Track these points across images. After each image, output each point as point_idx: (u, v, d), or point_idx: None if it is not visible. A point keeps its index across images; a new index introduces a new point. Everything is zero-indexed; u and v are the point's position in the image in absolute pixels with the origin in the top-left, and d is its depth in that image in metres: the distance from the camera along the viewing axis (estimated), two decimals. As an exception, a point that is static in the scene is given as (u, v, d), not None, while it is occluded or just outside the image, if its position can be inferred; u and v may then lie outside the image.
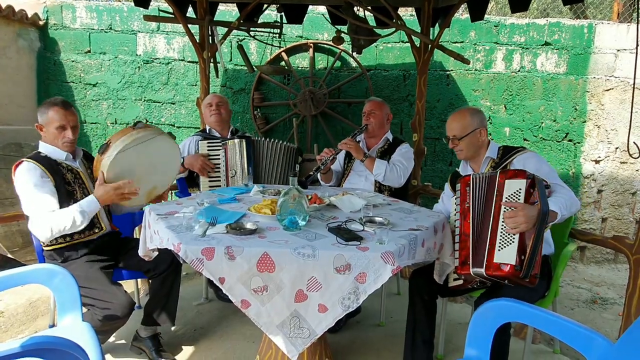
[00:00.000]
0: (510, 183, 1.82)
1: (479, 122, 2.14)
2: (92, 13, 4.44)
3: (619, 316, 3.08)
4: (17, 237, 3.44)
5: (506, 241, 1.76)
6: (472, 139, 2.13)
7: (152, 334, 2.32)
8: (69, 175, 2.14)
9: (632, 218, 4.64)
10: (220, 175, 2.90)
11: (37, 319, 2.82)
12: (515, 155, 2.08)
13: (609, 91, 4.48)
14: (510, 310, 1.50)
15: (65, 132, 2.12)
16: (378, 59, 4.50)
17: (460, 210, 1.96)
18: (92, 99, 4.56)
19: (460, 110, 2.20)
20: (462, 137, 2.13)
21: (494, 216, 1.82)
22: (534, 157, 2.05)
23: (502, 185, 1.83)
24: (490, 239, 1.80)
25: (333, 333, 2.58)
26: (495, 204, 1.83)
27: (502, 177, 1.85)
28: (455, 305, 3.05)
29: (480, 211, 1.90)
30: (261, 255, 1.50)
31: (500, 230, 1.78)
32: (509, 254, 1.74)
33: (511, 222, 1.73)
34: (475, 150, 2.16)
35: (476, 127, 2.12)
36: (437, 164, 4.63)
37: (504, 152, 2.14)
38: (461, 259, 1.87)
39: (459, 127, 2.14)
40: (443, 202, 2.41)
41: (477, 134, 2.13)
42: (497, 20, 4.46)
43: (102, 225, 2.25)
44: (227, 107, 3.10)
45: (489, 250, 1.79)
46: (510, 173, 1.85)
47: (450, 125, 2.18)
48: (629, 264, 2.08)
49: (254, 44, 4.44)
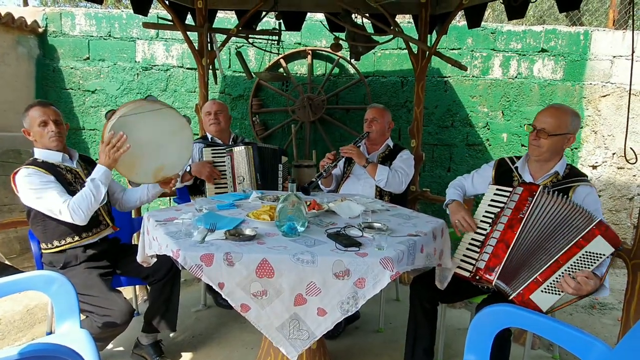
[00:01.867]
0: (600, 242, 1.70)
1: (574, 127, 1.94)
2: (91, 20, 4.46)
3: (617, 321, 3.07)
4: (15, 243, 3.43)
5: (554, 289, 1.72)
6: (559, 141, 1.93)
7: (153, 341, 2.32)
8: (69, 175, 2.14)
9: (630, 223, 4.65)
10: (226, 182, 2.91)
11: (35, 326, 2.81)
12: (579, 184, 1.92)
13: (606, 97, 4.51)
14: (509, 316, 1.50)
15: (47, 126, 2.10)
16: (376, 65, 4.52)
17: (510, 215, 1.86)
18: (90, 106, 4.57)
19: (562, 107, 1.97)
20: (552, 134, 1.91)
21: (560, 257, 1.73)
22: (594, 194, 1.91)
23: (592, 237, 1.71)
24: (540, 273, 1.74)
25: (332, 339, 2.57)
26: (570, 246, 1.72)
27: (598, 229, 1.71)
28: (455, 310, 3.05)
29: (539, 234, 1.80)
30: (260, 261, 1.50)
31: (557, 275, 1.72)
32: (547, 301, 1.72)
33: (578, 285, 1.65)
34: (552, 154, 1.97)
35: (569, 132, 1.93)
36: (436, 170, 4.64)
37: (570, 174, 1.98)
38: (489, 264, 1.83)
39: (555, 123, 1.91)
40: (472, 182, 2.28)
41: (566, 138, 1.94)
42: (494, 27, 4.49)
43: (107, 221, 2.25)
44: (227, 113, 3.10)
45: (532, 281, 1.74)
46: (612, 234, 1.71)
47: (545, 118, 1.94)
48: (627, 269, 2.09)
49: (252, 51, 4.46)
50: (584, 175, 1.99)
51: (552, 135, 1.91)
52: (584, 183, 1.93)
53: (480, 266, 1.87)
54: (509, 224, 1.85)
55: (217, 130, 3.04)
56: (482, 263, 1.87)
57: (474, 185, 2.27)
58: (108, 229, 2.26)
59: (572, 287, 1.66)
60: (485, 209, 1.99)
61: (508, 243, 1.82)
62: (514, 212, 1.86)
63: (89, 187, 2.00)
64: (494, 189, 2.02)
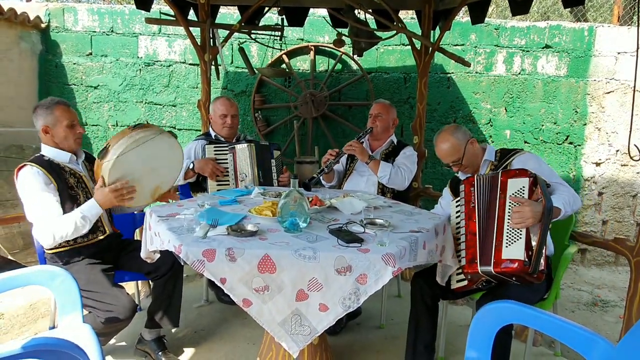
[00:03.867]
0: (514, 182, 1.85)
1: (463, 136, 2.17)
2: (94, 16, 4.46)
3: (619, 319, 3.07)
4: (18, 238, 3.44)
5: (513, 237, 1.78)
6: (469, 153, 2.16)
7: (156, 336, 2.32)
8: (72, 179, 2.13)
9: (633, 220, 4.63)
10: (228, 179, 2.91)
11: (38, 321, 2.82)
12: (514, 157, 2.11)
13: (610, 94, 4.49)
14: (511, 313, 1.50)
15: (76, 128, 2.13)
16: (379, 61, 4.51)
17: (466, 210, 1.97)
18: (93, 101, 4.57)
19: (442, 136, 2.20)
20: (458, 160, 2.15)
21: (499, 214, 1.84)
22: (533, 157, 2.08)
23: (505, 183, 1.87)
24: (497, 237, 1.82)
25: (333, 335, 2.58)
26: (499, 202, 1.86)
27: (504, 176, 1.89)
28: (456, 307, 3.05)
29: (485, 210, 1.92)
30: (262, 257, 1.50)
31: (506, 227, 1.81)
32: (517, 250, 1.76)
33: (517, 216, 1.75)
34: (474, 160, 2.20)
35: (465, 142, 2.15)
36: (438, 167, 4.63)
37: (502, 155, 2.18)
38: (468, 257, 1.88)
39: (452, 151, 2.16)
40: (442, 207, 2.41)
41: (470, 147, 2.16)
42: (498, 23, 4.46)
43: (105, 228, 2.25)
44: (238, 114, 3.09)
45: (496, 247, 1.81)
46: (512, 172, 1.88)
47: (443, 154, 2.20)
48: (629, 266, 2.08)
49: (255, 46, 4.45)
50: (519, 150, 2.15)
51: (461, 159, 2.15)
52: (518, 154, 2.10)
53: (463, 263, 1.92)
54: (468, 216, 1.96)
55: (230, 134, 3.04)
56: (463, 260, 1.92)
57: (444, 208, 2.38)
58: (105, 235, 2.25)
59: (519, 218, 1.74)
60: (455, 223, 2.07)
61: (473, 231, 1.91)
62: (466, 206, 1.99)
63: (75, 220, 1.98)
64: (454, 203, 2.15)
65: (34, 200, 1.99)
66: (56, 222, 1.97)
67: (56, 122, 2.09)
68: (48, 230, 1.96)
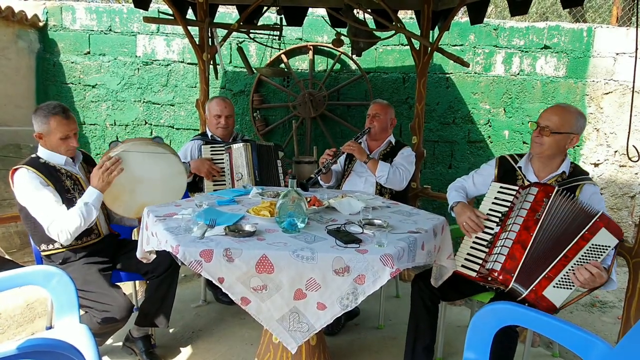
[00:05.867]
0: (605, 234, 1.73)
1: (579, 127, 1.94)
2: (92, 14, 4.45)
3: (618, 320, 3.07)
4: (15, 238, 3.43)
5: (565, 283, 1.73)
6: (562, 140, 1.93)
7: (143, 334, 2.32)
8: (68, 182, 2.12)
9: (631, 221, 4.64)
10: (225, 179, 2.90)
11: (35, 321, 2.81)
12: (585, 183, 1.94)
13: (608, 95, 4.49)
14: (509, 314, 1.50)
15: (69, 140, 2.10)
16: (378, 61, 4.50)
17: (526, 216, 1.84)
18: (91, 101, 4.56)
19: (568, 106, 1.98)
20: (555, 132, 1.91)
21: (568, 253, 1.75)
22: (599, 193, 1.94)
23: (597, 229, 1.73)
24: (551, 270, 1.75)
25: (332, 335, 2.57)
26: (577, 240, 1.74)
27: (603, 220, 1.74)
28: (455, 308, 3.04)
29: (552, 234, 1.80)
30: (260, 257, 1.49)
31: (567, 269, 1.73)
32: (558, 296, 1.73)
33: (588, 278, 1.67)
34: (555, 153, 1.97)
35: (573, 132, 1.93)
36: (437, 167, 4.63)
37: (574, 172, 2.00)
38: (506, 265, 1.81)
39: (559, 121, 1.91)
40: (473, 182, 2.27)
41: (570, 138, 1.94)
42: (497, 23, 4.46)
43: (99, 231, 2.24)
44: (234, 114, 3.06)
45: (542, 279, 1.75)
46: (613, 224, 1.75)
47: (550, 116, 1.95)
48: (628, 267, 2.08)
49: (253, 46, 4.45)
50: (587, 174, 2.00)
51: (555, 133, 1.91)
52: (589, 182, 1.94)
53: (495, 267, 1.84)
54: (525, 225, 1.83)
55: (224, 134, 3.03)
56: (497, 265, 1.84)
57: (476, 186, 2.26)
58: (99, 239, 2.25)
59: (586, 278, 1.67)
60: (489, 207, 1.97)
61: (525, 244, 1.80)
62: (529, 212, 1.84)
63: (80, 210, 1.99)
64: (497, 186, 2.01)
65: (36, 202, 1.98)
66: (65, 220, 1.97)
67: (50, 133, 2.07)
68: (61, 228, 1.96)
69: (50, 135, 2.07)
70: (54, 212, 1.97)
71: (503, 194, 1.96)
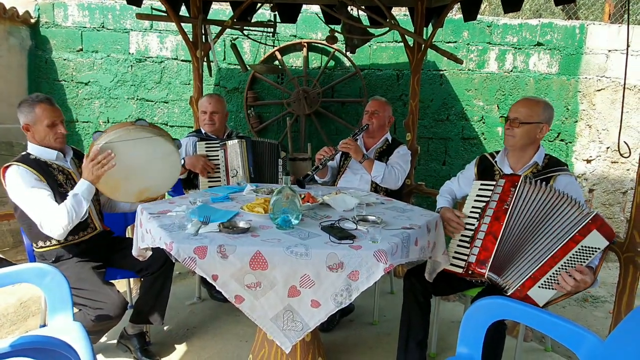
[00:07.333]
0: (596, 236, 1.72)
1: (546, 117, 2.02)
2: (84, 11, 4.41)
3: (609, 314, 3.10)
4: (8, 236, 3.41)
5: (550, 284, 1.75)
6: (532, 130, 2.00)
7: (138, 332, 2.32)
8: (61, 176, 2.11)
9: (623, 217, 4.68)
10: (220, 175, 2.89)
11: (28, 319, 2.80)
12: (559, 173, 1.98)
13: (600, 91, 4.52)
14: (502, 308, 1.51)
15: (57, 127, 2.09)
16: (372, 58, 4.51)
17: (495, 208, 1.88)
18: (84, 98, 4.53)
19: (536, 98, 2.07)
20: (524, 122, 1.99)
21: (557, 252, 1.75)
22: (575, 183, 1.97)
23: (588, 231, 1.73)
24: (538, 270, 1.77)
25: (326, 332, 2.58)
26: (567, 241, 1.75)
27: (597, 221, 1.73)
28: (448, 303, 3.06)
29: (527, 222, 1.82)
30: (254, 254, 1.49)
31: (554, 271, 1.74)
32: (543, 296, 1.75)
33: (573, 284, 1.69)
34: (527, 143, 2.04)
35: (541, 121, 2.00)
36: (431, 164, 4.64)
37: (549, 163, 2.04)
38: (480, 257, 1.85)
39: (527, 112, 2.00)
40: (458, 183, 2.34)
41: (539, 128, 2.01)
42: (490, 20, 4.48)
43: (95, 224, 2.23)
44: (223, 113, 3.03)
45: (528, 280, 1.78)
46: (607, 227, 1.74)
47: (518, 108, 2.03)
48: (619, 262, 2.10)
49: (247, 43, 4.43)
50: (564, 165, 2.04)
51: (525, 124, 1.99)
52: (564, 172, 1.98)
53: (471, 260, 1.89)
54: (495, 215, 1.88)
55: (212, 130, 3.02)
56: (473, 257, 1.89)
57: (461, 186, 2.32)
58: (95, 232, 2.24)
59: (571, 285, 1.70)
60: (472, 205, 2.02)
61: (496, 235, 1.84)
62: (498, 203, 1.88)
63: (70, 203, 1.97)
64: (478, 184, 2.06)
65: (28, 199, 1.97)
66: (57, 214, 1.95)
67: (36, 121, 2.05)
68: (54, 223, 1.95)
69: (37, 124, 2.05)
70: (46, 208, 1.96)
71: (483, 191, 2.01)
